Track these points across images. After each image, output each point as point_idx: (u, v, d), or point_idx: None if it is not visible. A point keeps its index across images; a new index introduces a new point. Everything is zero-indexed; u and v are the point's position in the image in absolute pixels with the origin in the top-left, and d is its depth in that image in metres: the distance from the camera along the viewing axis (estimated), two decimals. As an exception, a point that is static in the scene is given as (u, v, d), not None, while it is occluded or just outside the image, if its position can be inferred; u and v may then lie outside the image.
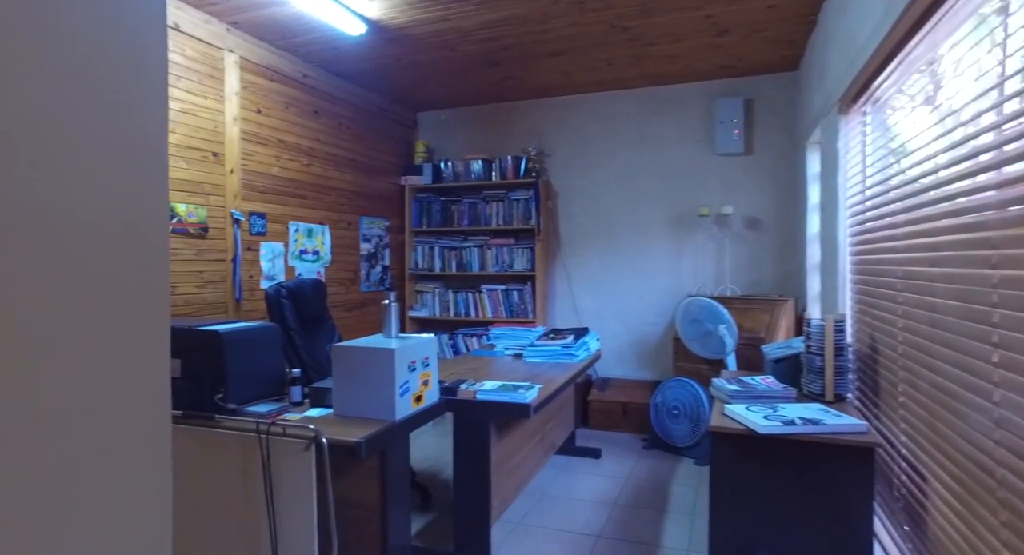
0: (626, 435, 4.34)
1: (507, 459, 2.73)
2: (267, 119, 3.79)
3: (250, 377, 2.22)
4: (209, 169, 3.35)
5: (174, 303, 3.13)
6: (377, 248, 4.98)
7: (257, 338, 2.27)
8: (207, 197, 3.34)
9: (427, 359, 2.29)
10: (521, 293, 5.00)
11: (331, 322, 3.38)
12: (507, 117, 5.28)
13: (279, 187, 3.89)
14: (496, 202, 5.10)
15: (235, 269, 3.50)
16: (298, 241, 4.07)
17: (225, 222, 3.45)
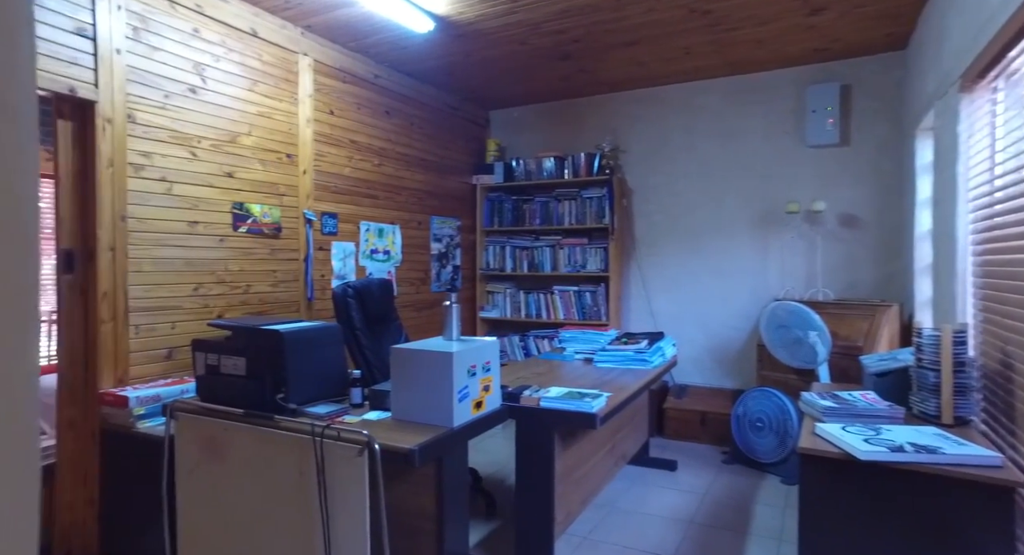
0: (704, 447, 4.06)
1: (573, 470, 2.58)
2: (339, 120, 3.84)
3: (311, 377, 2.20)
4: (283, 170, 3.42)
5: (248, 301, 3.21)
6: (448, 248, 4.96)
7: (319, 338, 2.26)
8: (281, 198, 3.41)
9: (488, 363, 2.19)
10: (594, 295, 4.82)
11: (398, 322, 3.36)
12: (580, 113, 5.12)
13: (351, 187, 3.93)
14: (568, 201, 4.95)
15: (307, 268, 3.56)
16: (369, 241, 4.10)
17: (298, 222, 3.52)
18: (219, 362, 2.25)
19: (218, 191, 3.05)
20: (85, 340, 2.58)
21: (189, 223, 2.91)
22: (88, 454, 2.59)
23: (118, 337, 2.60)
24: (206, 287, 2.99)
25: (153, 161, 2.75)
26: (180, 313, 2.86)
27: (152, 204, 2.75)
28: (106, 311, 2.56)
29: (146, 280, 2.72)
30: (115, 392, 2.49)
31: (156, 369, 2.76)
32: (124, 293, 2.62)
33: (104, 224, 2.55)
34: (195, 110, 2.93)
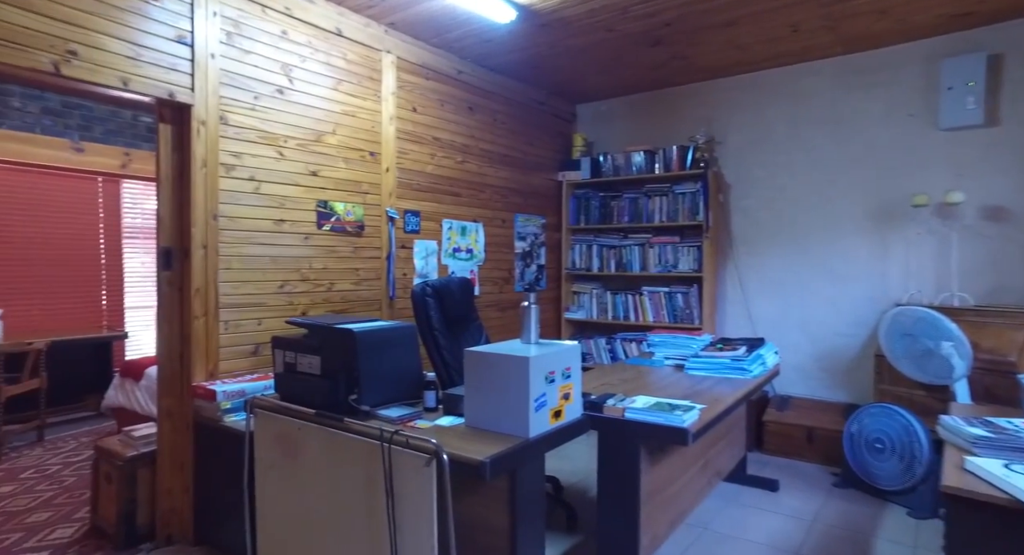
0: (811, 466, 3.67)
1: (661, 488, 2.36)
2: (422, 117, 3.81)
3: (384, 379, 2.13)
4: (366, 168, 3.43)
5: (331, 299, 3.24)
6: (532, 246, 4.83)
7: (393, 338, 2.19)
8: (364, 196, 3.42)
9: (569, 369, 2.03)
10: (686, 296, 4.51)
11: (478, 322, 3.27)
12: (672, 104, 4.82)
13: (433, 185, 3.90)
14: (659, 197, 4.67)
15: (389, 266, 3.55)
16: (451, 239, 4.05)
17: (380, 220, 3.51)
18: (296, 360, 2.24)
19: (303, 190, 3.09)
20: (181, 334, 2.67)
21: (275, 221, 2.96)
22: (183, 443, 2.69)
23: (209, 332, 2.68)
24: (291, 284, 3.03)
25: (243, 161, 2.82)
26: (266, 310, 2.92)
27: (241, 203, 2.81)
28: (198, 307, 2.64)
29: (235, 277, 2.79)
30: (205, 385, 2.56)
31: (244, 364, 2.83)
32: (215, 290, 2.69)
33: (197, 223, 2.63)
34: (282, 110, 2.98)
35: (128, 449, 2.73)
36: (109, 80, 2.36)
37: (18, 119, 4.65)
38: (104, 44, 2.36)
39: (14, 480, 3.52)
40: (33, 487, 3.41)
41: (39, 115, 4.75)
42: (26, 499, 3.25)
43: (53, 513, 3.06)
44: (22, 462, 3.81)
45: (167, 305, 2.65)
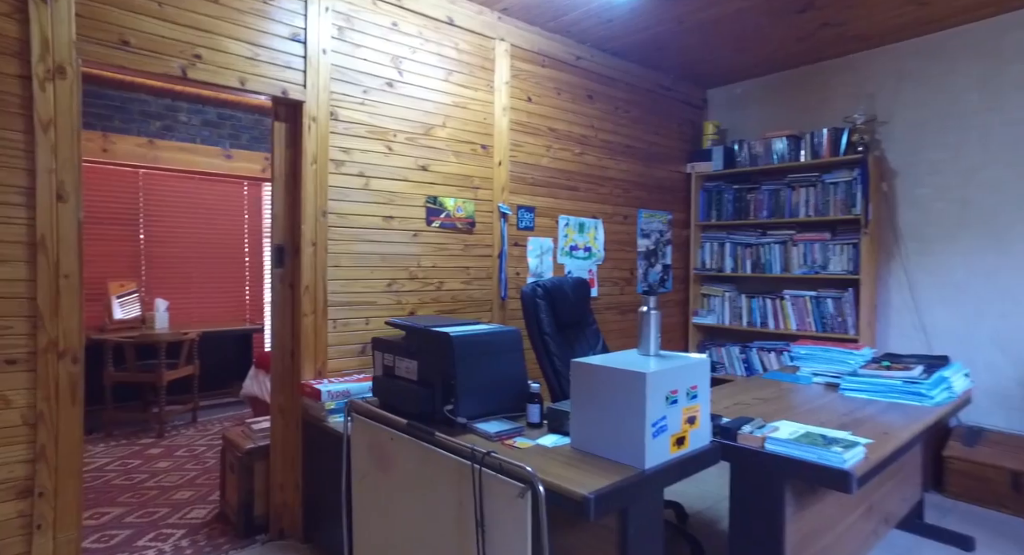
0: (1017, 520, 2.93)
1: (812, 538, 1.93)
2: (537, 107, 3.59)
3: (484, 389, 1.93)
4: (478, 162, 3.28)
5: (440, 298, 3.13)
6: (657, 245, 4.43)
7: (495, 344, 1.98)
8: (475, 191, 3.27)
9: (695, 388, 1.69)
10: (838, 302, 3.88)
11: (594, 327, 2.99)
12: (821, 81, 4.18)
13: (549, 179, 3.67)
14: (805, 187, 4.06)
15: (501, 265, 3.38)
16: (568, 236, 3.80)
17: (492, 216, 3.35)
18: (394, 364, 2.11)
19: (412, 185, 3.01)
20: (292, 331, 2.68)
21: (384, 218, 2.90)
22: (294, 440, 2.70)
23: (318, 330, 2.66)
24: (399, 283, 2.96)
25: (352, 156, 2.78)
26: (374, 309, 2.86)
27: (350, 199, 2.77)
28: (308, 304, 2.63)
29: (343, 275, 2.75)
30: (312, 384, 2.53)
31: (351, 363, 2.79)
32: (323, 287, 2.67)
33: (307, 220, 2.62)
34: (392, 104, 2.92)
35: (247, 441, 2.79)
36: (229, 81, 2.40)
37: (183, 131, 5.12)
38: (225, 46, 2.40)
39: (170, 457, 3.83)
40: (183, 465, 3.67)
41: (200, 127, 5.21)
42: (175, 476, 3.49)
43: (194, 493, 3.25)
44: (178, 440, 4.16)
45: (279, 302, 2.67)
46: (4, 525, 1.99)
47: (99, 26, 2.14)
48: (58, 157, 2.05)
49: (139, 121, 4.94)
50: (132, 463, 3.70)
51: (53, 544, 2.07)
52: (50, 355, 2.03)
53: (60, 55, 2.05)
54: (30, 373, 2.01)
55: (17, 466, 2.00)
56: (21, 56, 1.99)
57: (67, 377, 2.07)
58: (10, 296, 1.97)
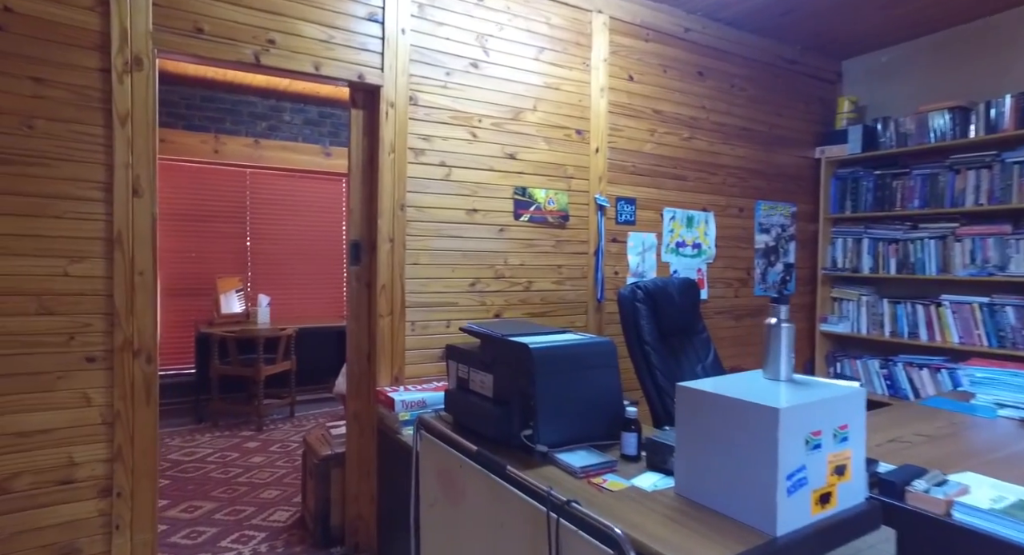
0: None
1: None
2: (640, 87, 3.20)
3: (569, 412, 1.62)
4: (572, 149, 2.96)
5: (529, 300, 2.84)
6: (778, 241, 3.88)
7: (584, 358, 1.67)
8: (568, 181, 2.95)
9: (845, 428, 1.28)
10: (1022, 312, 3.14)
11: (704, 335, 2.57)
12: (1003, 36, 3.42)
13: (653, 167, 3.27)
14: (975, 169, 3.34)
15: (597, 263, 3.03)
16: (674, 231, 3.38)
17: (588, 209, 3.02)
18: (469, 376, 1.85)
19: (499, 175, 2.75)
20: (368, 333, 2.52)
21: (468, 211, 2.66)
22: (369, 450, 2.54)
23: (395, 333, 2.48)
24: (483, 282, 2.71)
25: (433, 144, 2.56)
26: (456, 310, 2.64)
27: (431, 191, 2.56)
28: (384, 305, 2.45)
29: (423, 273, 2.55)
30: (387, 392, 2.35)
31: (430, 370, 2.58)
32: (401, 287, 2.48)
33: (384, 213, 2.44)
34: (476, 86, 2.67)
35: (324, 447, 2.68)
36: (303, 66, 2.27)
37: (286, 130, 5.25)
38: (299, 30, 2.27)
39: (264, 451, 3.87)
40: (274, 461, 3.69)
41: (301, 125, 5.32)
42: (267, 473, 3.50)
43: (280, 493, 3.22)
44: (274, 435, 4.22)
45: (355, 302, 2.51)
46: (86, 524, 1.96)
47: (174, 14, 2.06)
48: (134, 151, 1.99)
49: (247, 122, 5.11)
50: (230, 456, 3.78)
51: (130, 545, 2.02)
52: (126, 354, 1.99)
53: (137, 46, 1.99)
54: (107, 371, 1.97)
55: (98, 465, 1.96)
56: (102, 49, 1.95)
57: (142, 377, 2.01)
58: (90, 293, 1.94)
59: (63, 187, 1.90)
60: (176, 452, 3.83)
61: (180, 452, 3.83)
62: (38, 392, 1.88)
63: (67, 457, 1.92)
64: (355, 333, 2.51)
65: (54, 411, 1.90)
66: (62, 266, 1.90)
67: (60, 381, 1.90)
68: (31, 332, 1.86)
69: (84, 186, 1.93)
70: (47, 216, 1.88)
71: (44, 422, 1.88)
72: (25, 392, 1.86)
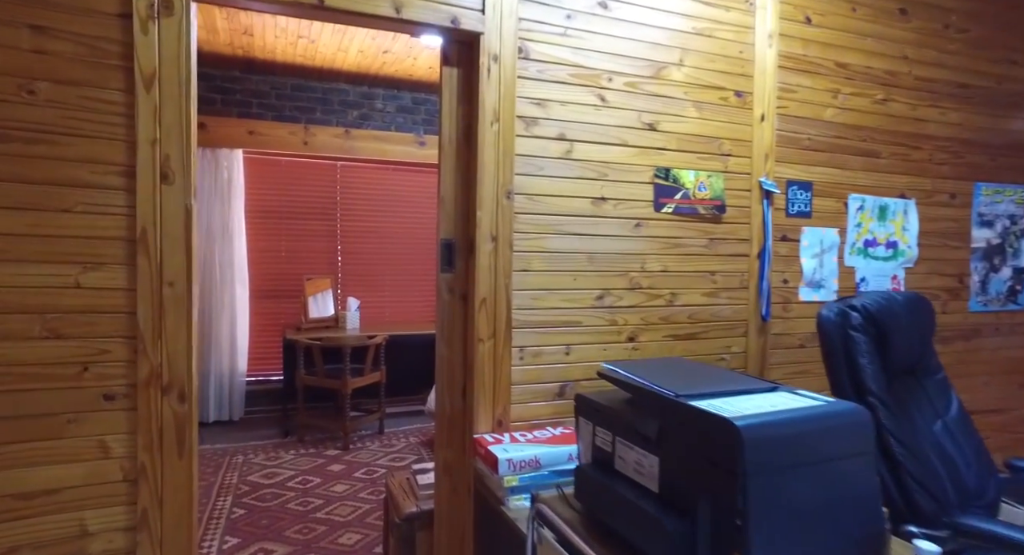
0: None
1: None
2: (820, 32, 2.39)
3: (802, 532, 0.93)
4: (730, 117, 2.21)
5: (672, 317, 2.13)
6: (1005, 237, 2.88)
7: (824, 442, 0.97)
8: (725, 160, 2.21)
9: None
10: None
11: (941, 375, 1.76)
12: None
13: (835, 140, 2.44)
14: None
15: (762, 269, 2.27)
16: (862, 225, 2.53)
17: (750, 197, 2.26)
18: (614, 448, 1.20)
19: (634, 152, 2.06)
20: (463, 362, 1.93)
21: (594, 200, 2.00)
22: (463, 511, 1.95)
23: (498, 362, 1.87)
24: (614, 295, 2.04)
25: (549, 111, 1.93)
26: (577, 332, 1.98)
27: (545, 173, 1.93)
28: (484, 324, 1.84)
29: (534, 283, 1.92)
30: (488, 442, 1.75)
31: (544, 411, 1.95)
32: (507, 301, 1.87)
33: (485, 203, 1.84)
34: (605, 33, 2.00)
35: (409, 501, 2.13)
36: (379, 8, 1.71)
37: (378, 119, 4.86)
38: (377, -37, 1.71)
39: (349, 478, 3.44)
40: (358, 492, 3.24)
41: (394, 113, 4.91)
42: (348, 508, 3.05)
43: (360, 539, 2.74)
44: (361, 455, 3.80)
45: (447, 319, 1.93)
46: (112, 600, 1.51)
47: (216, -57, 1.56)
48: (162, 124, 1.51)
49: (338, 111, 4.76)
50: (312, 482, 3.37)
51: (165, 631, 1.56)
52: (152, 390, 1.52)
53: (170, -14, 1.51)
54: (130, 413, 1.51)
55: (117, 536, 1.51)
56: (126, -8, 1.48)
57: (173, 419, 1.54)
58: (108, 310, 1.48)
59: (72, 171, 1.45)
60: (257, 472, 3.49)
61: (261, 473, 3.48)
62: (42, 440, 1.44)
63: (78, 525, 1.47)
64: (446, 361, 1.93)
65: (62, 465, 1.46)
66: (72, 276, 1.45)
67: (70, 426, 1.46)
68: (33, 362, 1.43)
69: (99, 170, 1.47)
70: (52, 210, 1.44)
71: (50, 479, 1.45)
72: (26, 440, 1.43)
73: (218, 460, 3.65)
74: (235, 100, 4.47)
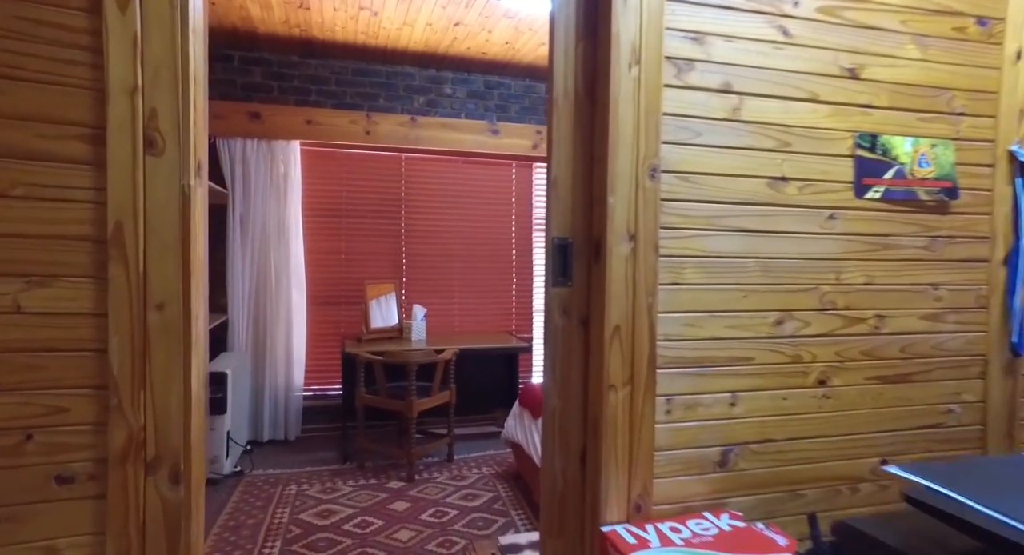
0: None
1: None
2: (1091, -65, 1.64)
3: None
4: (966, 56, 1.52)
5: (878, 351, 1.46)
6: None
7: None
8: (957, 121, 1.51)
9: None
10: None
11: None
12: None
13: (1103, 93, 1.68)
14: None
15: (1014, 281, 1.55)
16: None
17: (992, 176, 1.55)
18: None
19: (827, 112, 1.40)
20: (583, 416, 1.33)
21: (770, 181, 1.36)
22: (579, 628, 1.35)
23: (636, 416, 1.26)
24: (797, 319, 1.39)
25: (709, 50, 1.30)
26: (747, 374, 1.35)
27: (703, 141, 1.31)
28: (618, 363, 1.24)
29: (688, 302, 1.30)
30: (626, 545, 1.14)
31: (699, 488, 1.33)
32: (649, 328, 1.26)
33: (619, 185, 1.23)
34: (796, -70, 1.36)
35: (497, 595, 1.55)
36: None
37: (447, 105, 4.36)
38: None
39: (415, 521, 2.92)
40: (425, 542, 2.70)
41: (465, 99, 4.39)
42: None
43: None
44: (429, 490, 3.28)
45: (559, 355, 1.33)
46: None
47: None
48: (145, 61, 1.00)
49: (403, 97, 4.28)
50: (372, 525, 2.86)
51: None
52: (131, 467, 1.00)
53: None
54: (97, 501, 1.00)
55: None
56: None
57: (161, 511, 1.02)
58: (64, 347, 0.98)
59: (7, 134, 0.96)
60: (311, 508, 3.02)
61: (315, 510, 3.01)
62: (-34, 545, 0.95)
63: None
64: (557, 414, 1.34)
65: (-4, 582, 0.96)
66: (9, 294, 0.96)
67: (2, 526, 0.97)
68: (-49, 427, 0.94)
69: (50, 133, 0.97)
70: (-23, 194, 0.95)
71: (-24, 604, 0.96)
72: (-59, 545, 0.94)
73: (269, 490, 3.22)
74: (292, 87, 4.07)
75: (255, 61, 4.02)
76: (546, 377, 1.34)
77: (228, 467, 3.32)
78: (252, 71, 4.01)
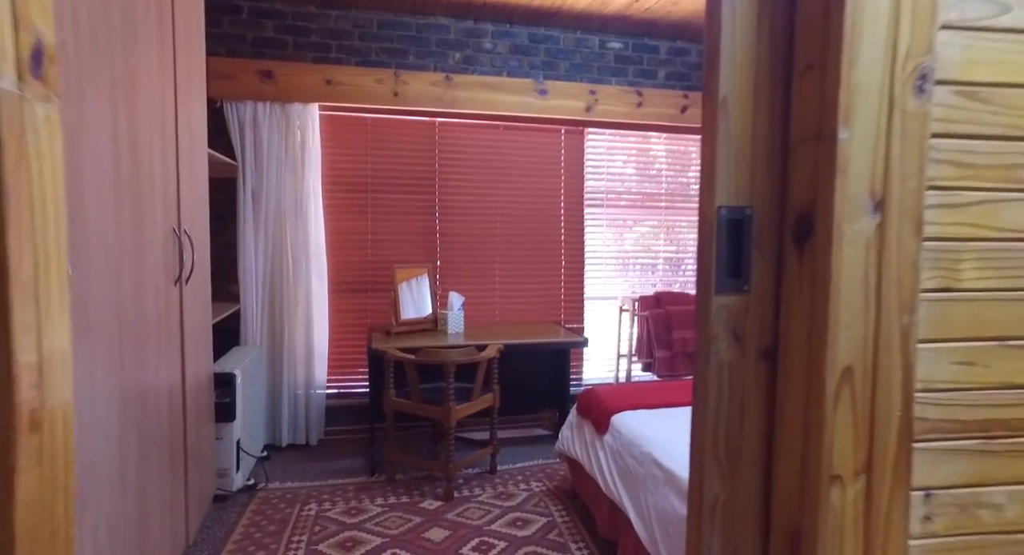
0: None
1: None
2: None
3: None
4: None
5: None
6: None
7: None
8: None
9: None
10: None
11: None
12: None
13: None
14: None
15: None
16: None
17: None
18: None
19: None
20: (767, 519, 0.78)
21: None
22: None
23: (875, 528, 0.70)
24: None
25: None
26: (1071, 451, 0.77)
27: (1016, 21, 0.72)
28: (847, 437, 0.68)
29: (967, 324, 0.73)
30: None
31: None
32: (902, 374, 0.69)
33: (858, 106, 0.66)
34: None
35: None
36: None
37: (487, 62, 3.78)
38: None
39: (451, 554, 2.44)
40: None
41: (507, 54, 3.81)
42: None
43: None
44: (471, 513, 2.78)
45: (723, 406, 0.78)
46: None
47: None
48: None
49: (436, 53, 3.71)
50: (404, 558, 2.38)
51: None
52: None
53: None
54: None
55: None
56: None
57: None
58: None
59: None
60: (333, 536, 2.55)
61: (335, 539, 2.54)
62: None
63: None
64: (719, 510, 0.78)
65: None
66: None
67: None
68: None
69: None
70: None
71: None
72: None
73: (285, 511, 2.77)
74: (309, 42, 3.54)
75: (267, 12, 3.49)
76: (697, 444, 0.79)
77: (239, 481, 2.88)
78: (264, 24, 3.49)
